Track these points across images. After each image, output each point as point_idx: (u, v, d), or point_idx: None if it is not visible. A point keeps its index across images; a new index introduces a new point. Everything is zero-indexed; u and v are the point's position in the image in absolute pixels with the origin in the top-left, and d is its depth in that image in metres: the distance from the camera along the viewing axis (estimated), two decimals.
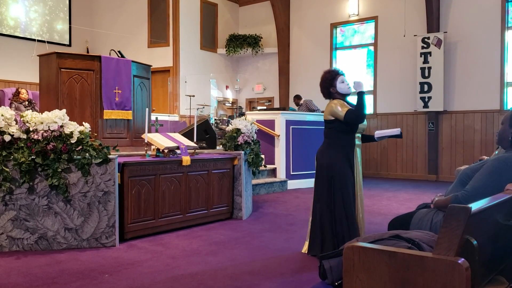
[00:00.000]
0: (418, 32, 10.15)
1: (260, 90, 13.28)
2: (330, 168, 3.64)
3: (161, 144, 4.60)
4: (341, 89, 3.70)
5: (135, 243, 4.12)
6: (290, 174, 8.31)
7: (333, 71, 3.75)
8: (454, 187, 2.71)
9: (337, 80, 3.70)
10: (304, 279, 3.16)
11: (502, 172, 2.42)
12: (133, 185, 4.23)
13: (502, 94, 9.32)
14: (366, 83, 11.24)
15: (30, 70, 9.86)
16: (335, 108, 3.61)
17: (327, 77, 3.72)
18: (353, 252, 1.68)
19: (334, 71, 3.75)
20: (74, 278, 3.11)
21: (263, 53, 12.89)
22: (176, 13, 11.55)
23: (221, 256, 3.72)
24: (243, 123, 5.59)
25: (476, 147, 9.58)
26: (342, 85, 3.70)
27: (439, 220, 2.57)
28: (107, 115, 5.28)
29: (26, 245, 3.78)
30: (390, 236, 2.20)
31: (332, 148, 3.69)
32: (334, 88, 3.70)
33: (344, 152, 3.65)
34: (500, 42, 9.31)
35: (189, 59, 11.87)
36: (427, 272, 1.51)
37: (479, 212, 1.65)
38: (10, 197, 3.73)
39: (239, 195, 5.34)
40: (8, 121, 3.67)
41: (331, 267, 2.89)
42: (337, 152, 3.65)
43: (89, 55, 5.52)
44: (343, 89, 3.70)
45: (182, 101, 11.50)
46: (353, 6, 11.28)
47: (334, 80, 3.70)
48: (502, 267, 2.00)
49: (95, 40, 12.27)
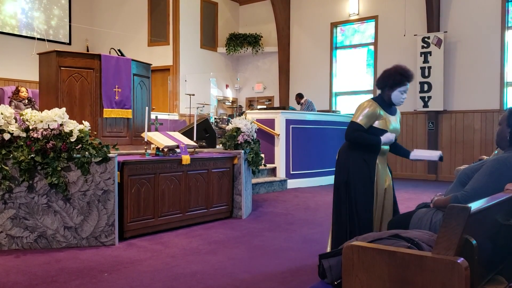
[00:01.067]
0: (418, 32, 10.15)
1: (260, 89, 13.27)
2: (345, 170, 3.36)
3: (160, 143, 4.60)
4: (395, 96, 3.25)
5: (134, 242, 4.12)
6: (290, 173, 8.31)
7: (405, 76, 3.24)
8: (454, 187, 2.71)
9: (400, 88, 3.23)
10: (303, 278, 3.16)
11: (501, 172, 2.42)
12: (132, 184, 4.23)
13: (502, 94, 9.32)
14: (366, 82, 11.25)
15: (30, 69, 9.85)
16: (359, 109, 3.28)
17: (396, 78, 3.23)
18: (353, 251, 1.68)
19: (407, 77, 3.24)
20: (74, 277, 3.11)
21: (263, 52, 12.88)
22: (176, 11, 11.54)
23: (220, 255, 3.72)
24: (243, 122, 5.59)
25: (476, 147, 9.58)
26: (398, 95, 3.25)
27: (438, 219, 2.57)
28: (107, 114, 5.27)
29: (25, 244, 3.78)
30: (389, 236, 2.20)
31: (352, 149, 3.35)
32: (391, 91, 3.25)
33: (365, 155, 3.29)
34: (500, 42, 9.31)
35: (189, 58, 11.86)
36: (427, 271, 1.51)
37: (478, 211, 1.65)
38: (9, 195, 3.73)
39: (238, 194, 5.34)
40: (7, 120, 3.66)
41: (330, 267, 2.89)
42: (357, 155, 3.31)
43: (89, 54, 5.52)
44: (395, 99, 3.26)
45: (182, 100, 11.49)
46: (353, 5, 11.28)
47: (398, 85, 3.23)
48: (502, 266, 2.00)
49: (95, 38, 12.26)
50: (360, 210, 3.27)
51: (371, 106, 3.25)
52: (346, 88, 11.67)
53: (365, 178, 3.28)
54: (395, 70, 3.28)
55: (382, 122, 3.25)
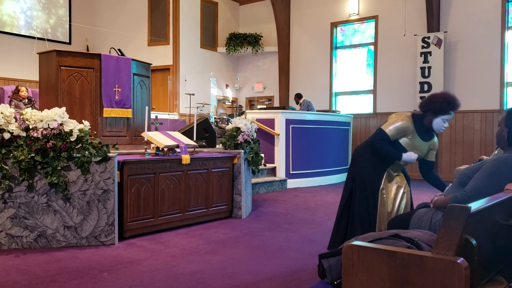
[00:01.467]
0: (418, 32, 10.15)
1: (260, 89, 13.27)
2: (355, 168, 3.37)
3: (160, 143, 4.60)
4: (436, 124, 3.13)
5: (134, 241, 4.13)
6: (289, 173, 8.32)
7: (452, 106, 3.11)
8: (454, 187, 2.71)
9: (443, 116, 3.12)
10: (303, 278, 3.16)
11: (501, 172, 2.42)
12: (132, 184, 4.23)
13: (502, 94, 9.32)
14: (366, 82, 11.25)
15: (30, 68, 9.84)
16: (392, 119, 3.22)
17: (442, 106, 3.09)
18: (352, 251, 1.68)
19: (453, 107, 3.12)
20: (73, 276, 3.11)
21: (263, 52, 12.88)
22: (176, 11, 11.54)
23: (220, 255, 3.72)
24: (243, 122, 5.59)
25: (476, 147, 9.58)
26: (440, 123, 3.13)
27: (438, 219, 2.58)
28: (107, 113, 5.27)
29: (25, 243, 3.78)
30: (389, 236, 2.20)
31: (367, 152, 3.33)
32: (433, 117, 3.12)
33: (376, 163, 3.27)
34: (500, 42, 9.31)
35: (189, 57, 11.86)
36: (426, 271, 1.51)
37: (478, 211, 1.65)
38: (9, 195, 3.73)
39: (238, 194, 5.34)
40: (7, 119, 3.66)
41: (330, 266, 2.89)
42: (370, 159, 3.30)
43: (89, 53, 5.52)
44: (437, 126, 3.15)
45: (182, 99, 11.49)
46: (353, 5, 11.28)
47: (443, 113, 3.10)
48: (501, 266, 2.00)
49: (95, 38, 12.26)
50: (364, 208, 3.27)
51: (405, 121, 3.18)
52: (346, 88, 11.67)
53: (370, 183, 3.27)
54: (442, 97, 3.13)
55: (408, 142, 3.20)
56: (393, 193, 3.31)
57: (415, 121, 3.19)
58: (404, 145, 3.21)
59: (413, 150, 3.22)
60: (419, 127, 3.19)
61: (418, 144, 3.23)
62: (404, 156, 3.17)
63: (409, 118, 3.20)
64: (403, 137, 3.19)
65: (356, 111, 11.14)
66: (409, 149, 3.21)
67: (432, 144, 3.32)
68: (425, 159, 3.36)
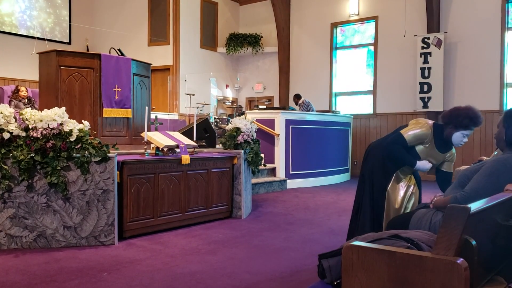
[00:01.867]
0: (418, 32, 10.15)
1: (260, 89, 13.27)
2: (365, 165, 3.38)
3: (160, 143, 4.60)
4: (456, 137, 3.09)
5: (134, 241, 4.12)
6: (289, 174, 8.32)
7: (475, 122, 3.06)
8: (453, 187, 2.71)
9: (464, 131, 3.08)
10: (302, 278, 3.16)
11: (501, 173, 2.42)
12: (132, 184, 4.23)
13: (501, 94, 9.32)
14: (366, 83, 11.25)
15: (30, 68, 9.85)
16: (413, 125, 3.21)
17: (464, 121, 3.05)
18: (352, 251, 1.68)
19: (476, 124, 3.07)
20: (73, 276, 3.11)
21: (263, 52, 12.89)
22: (176, 11, 11.55)
23: (220, 255, 3.72)
24: (243, 122, 5.59)
25: (476, 148, 9.58)
26: (460, 137, 3.09)
27: (438, 220, 2.58)
28: (107, 113, 5.27)
29: (24, 243, 3.78)
30: (389, 236, 2.20)
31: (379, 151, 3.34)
32: (454, 130, 3.09)
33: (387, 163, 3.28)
34: (500, 42, 9.31)
35: (189, 57, 11.86)
36: (426, 271, 1.51)
37: (478, 212, 1.65)
38: (9, 194, 3.73)
39: (238, 194, 5.34)
40: (7, 119, 3.66)
41: (330, 266, 2.89)
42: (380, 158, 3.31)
43: (89, 53, 5.52)
44: (456, 140, 3.11)
45: (181, 99, 11.49)
46: (353, 5, 11.28)
47: (464, 128, 3.07)
48: (501, 267, 2.00)
49: (95, 38, 12.26)
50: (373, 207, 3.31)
51: (425, 129, 3.16)
52: (346, 88, 11.67)
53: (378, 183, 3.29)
54: (466, 113, 3.07)
55: (423, 149, 3.19)
56: (401, 193, 3.31)
57: (435, 131, 3.17)
58: (419, 152, 3.20)
59: (427, 158, 3.22)
60: (437, 137, 3.17)
61: (434, 153, 3.21)
62: (418, 164, 3.18)
63: (430, 127, 3.18)
64: (420, 144, 3.18)
65: (356, 112, 11.14)
66: (423, 157, 3.21)
67: (450, 155, 3.30)
68: (442, 170, 3.35)
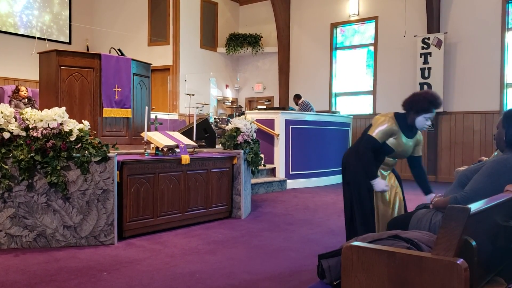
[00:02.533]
0: (418, 33, 10.15)
1: (260, 89, 13.28)
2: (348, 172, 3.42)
3: (160, 143, 4.60)
4: (419, 122, 3.19)
5: (133, 241, 4.12)
6: (289, 174, 8.31)
7: (434, 105, 3.16)
8: (453, 188, 2.71)
9: (426, 114, 3.16)
10: (302, 279, 3.16)
11: (501, 173, 2.42)
12: (132, 184, 4.23)
13: (501, 95, 9.33)
14: (366, 83, 11.26)
15: (30, 68, 9.85)
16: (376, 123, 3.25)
17: (423, 105, 3.15)
18: (352, 251, 1.68)
19: (435, 105, 3.17)
20: (73, 276, 3.11)
21: (263, 52, 12.89)
22: (176, 11, 11.54)
23: (219, 255, 3.72)
24: (242, 122, 5.59)
25: (476, 148, 9.58)
26: (423, 121, 3.18)
27: (438, 220, 2.58)
28: (107, 113, 5.27)
29: (24, 243, 3.78)
30: (389, 236, 2.20)
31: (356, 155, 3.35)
32: (416, 115, 3.18)
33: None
34: (500, 43, 9.32)
35: (189, 57, 11.86)
36: (426, 272, 1.51)
37: (478, 212, 1.65)
38: (9, 194, 3.73)
39: (238, 194, 5.34)
40: (7, 119, 3.66)
41: (329, 267, 2.89)
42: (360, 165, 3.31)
43: (89, 53, 5.52)
44: (419, 124, 3.20)
45: (181, 99, 11.49)
46: (353, 6, 11.28)
47: (425, 111, 3.15)
48: (501, 268, 2.00)
49: (95, 38, 12.26)
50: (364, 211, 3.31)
51: (389, 123, 3.22)
52: (346, 88, 11.67)
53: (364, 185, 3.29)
54: (424, 97, 3.18)
55: (394, 142, 3.24)
56: (388, 193, 3.34)
57: (398, 121, 3.24)
58: (391, 145, 3.24)
59: (400, 149, 3.26)
60: (403, 125, 3.24)
61: (404, 142, 3.27)
62: (376, 180, 3.20)
63: (393, 119, 3.24)
64: (390, 138, 3.23)
65: (355, 112, 11.14)
66: (396, 148, 3.25)
67: (417, 140, 3.37)
68: (412, 155, 3.41)
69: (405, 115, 3.25)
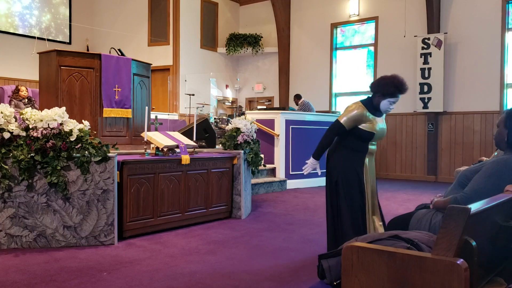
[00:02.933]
0: (419, 33, 10.15)
1: (260, 89, 13.28)
2: (335, 171, 3.47)
3: (160, 143, 4.60)
4: (383, 105, 3.35)
5: (133, 241, 4.12)
6: (289, 174, 8.31)
7: (399, 89, 3.30)
8: (453, 188, 2.71)
9: (390, 98, 3.32)
10: (302, 279, 3.16)
11: (501, 174, 2.42)
12: (132, 184, 4.23)
13: (502, 95, 9.33)
14: (366, 83, 11.25)
15: (30, 68, 9.85)
16: (346, 110, 3.37)
17: (389, 89, 3.29)
18: (352, 252, 1.68)
19: (401, 90, 3.31)
20: (73, 276, 3.11)
21: (263, 52, 12.89)
22: (176, 11, 11.55)
23: (219, 255, 3.72)
24: (242, 123, 5.59)
25: (476, 148, 9.58)
26: (387, 104, 3.34)
27: (438, 220, 2.58)
28: (107, 113, 5.27)
29: (24, 243, 3.78)
30: (389, 236, 2.20)
31: (341, 151, 3.47)
32: (381, 98, 3.34)
33: (354, 157, 3.43)
34: (500, 43, 9.32)
35: (189, 57, 11.86)
36: (426, 272, 1.51)
37: (478, 213, 1.65)
38: (9, 194, 3.73)
39: (238, 195, 5.34)
40: (7, 119, 3.66)
41: (329, 267, 2.89)
42: (346, 156, 3.44)
43: (89, 53, 5.52)
44: (383, 107, 3.36)
45: (181, 100, 11.50)
46: (353, 6, 11.28)
47: (390, 95, 3.30)
48: (501, 268, 2.00)
49: (95, 38, 12.26)
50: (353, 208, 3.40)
51: (359, 109, 3.34)
52: (346, 89, 11.67)
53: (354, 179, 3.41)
54: (391, 81, 3.32)
55: (369, 125, 3.35)
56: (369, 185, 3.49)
57: (366, 105, 3.38)
58: (370, 130, 3.35)
59: (378, 129, 3.39)
60: (370, 109, 3.38)
61: (378, 122, 3.40)
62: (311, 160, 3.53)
63: (361, 104, 3.38)
64: (363, 124, 3.33)
65: None
66: (375, 131, 3.37)
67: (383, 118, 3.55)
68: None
69: (371, 98, 3.42)
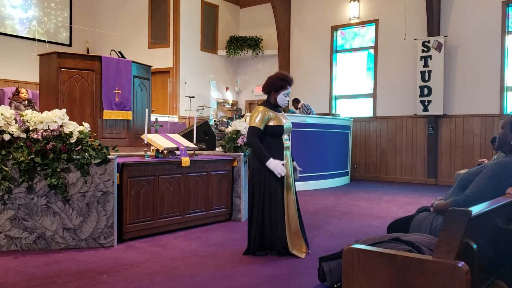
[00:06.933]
0: (419, 36, 10.16)
1: (260, 92, 13.25)
2: (257, 171, 3.70)
3: (160, 145, 4.59)
4: (280, 99, 3.77)
5: (133, 243, 4.12)
6: None
7: (286, 80, 3.76)
8: (454, 191, 2.71)
9: (283, 91, 3.76)
10: (303, 281, 3.15)
11: (501, 176, 2.42)
12: (132, 186, 4.22)
13: (502, 98, 9.33)
14: (366, 86, 11.26)
15: (30, 70, 9.85)
16: (252, 115, 3.70)
17: (277, 83, 3.74)
18: (353, 254, 1.67)
19: (288, 81, 3.77)
20: (72, 278, 3.11)
21: (263, 55, 12.90)
22: (176, 14, 11.56)
23: (219, 258, 3.71)
24: (243, 125, 5.59)
25: (476, 151, 9.58)
26: (282, 98, 3.77)
27: (438, 223, 2.57)
28: (107, 115, 5.27)
29: (24, 245, 3.78)
30: (390, 239, 2.20)
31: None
32: (276, 94, 3.76)
33: (272, 155, 3.65)
34: (500, 46, 9.33)
35: (189, 60, 11.87)
36: (427, 275, 1.51)
37: (479, 215, 1.65)
38: (9, 196, 3.72)
39: (238, 197, 5.34)
40: (7, 120, 3.66)
41: (330, 270, 2.89)
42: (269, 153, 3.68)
43: (89, 55, 5.52)
44: (280, 101, 3.78)
45: (182, 102, 11.50)
46: (353, 9, 11.30)
47: (282, 88, 3.75)
48: (502, 271, 2.00)
49: (96, 40, 12.27)
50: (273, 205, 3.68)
51: (262, 111, 3.70)
52: (346, 91, 11.68)
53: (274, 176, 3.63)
54: (276, 76, 3.77)
55: (275, 121, 3.70)
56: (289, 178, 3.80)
57: (267, 106, 3.77)
58: (278, 125, 3.69)
59: (285, 122, 3.76)
60: (270, 107, 3.77)
61: (282, 118, 3.77)
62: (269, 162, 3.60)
63: (263, 107, 3.74)
64: (271, 121, 3.68)
65: (356, 115, 11.15)
66: (283, 124, 3.72)
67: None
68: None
69: (267, 100, 3.81)
